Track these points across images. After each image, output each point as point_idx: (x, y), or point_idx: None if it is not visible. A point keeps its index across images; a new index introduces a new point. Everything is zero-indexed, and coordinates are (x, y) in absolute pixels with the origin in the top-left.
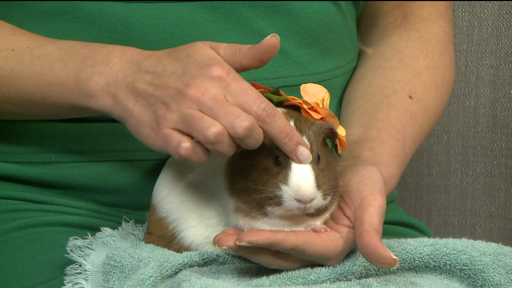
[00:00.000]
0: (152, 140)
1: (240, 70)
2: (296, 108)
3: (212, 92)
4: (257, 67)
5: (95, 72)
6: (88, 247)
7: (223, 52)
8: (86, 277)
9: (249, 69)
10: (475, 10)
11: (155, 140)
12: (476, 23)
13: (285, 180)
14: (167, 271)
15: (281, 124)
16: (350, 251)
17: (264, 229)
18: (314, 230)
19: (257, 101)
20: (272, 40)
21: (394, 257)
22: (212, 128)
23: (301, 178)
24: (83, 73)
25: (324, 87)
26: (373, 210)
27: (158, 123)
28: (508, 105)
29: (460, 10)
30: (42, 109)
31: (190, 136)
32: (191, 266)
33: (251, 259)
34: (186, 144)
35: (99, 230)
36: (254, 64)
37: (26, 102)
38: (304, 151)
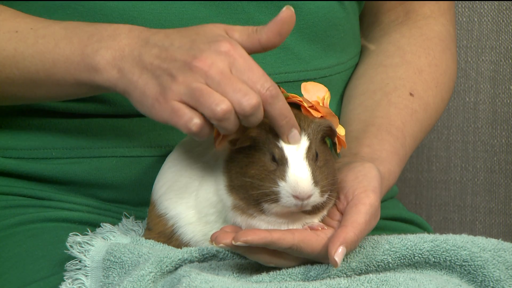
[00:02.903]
0: (157, 111)
1: (259, 50)
2: (296, 106)
3: (219, 66)
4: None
5: (102, 47)
6: (88, 243)
7: (238, 34)
8: (86, 273)
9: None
10: (475, 6)
11: (159, 111)
12: (476, 19)
13: (282, 176)
14: (167, 266)
15: (282, 107)
16: None
17: (261, 229)
18: (311, 228)
19: (261, 79)
20: (288, 10)
21: (336, 260)
22: (221, 105)
23: (299, 175)
24: (89, 48)
25: (326, 84)
26: (362, 208)
27: (163, 94)
28: (508, 101)
29: (460, 5)
30: (45, 89)
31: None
32: (191, 261)
33: (249, 258)
34: (197, 121)
35: (99, 226)
36: (273, 38)
37: (29, 82)
38: (296, 134)
